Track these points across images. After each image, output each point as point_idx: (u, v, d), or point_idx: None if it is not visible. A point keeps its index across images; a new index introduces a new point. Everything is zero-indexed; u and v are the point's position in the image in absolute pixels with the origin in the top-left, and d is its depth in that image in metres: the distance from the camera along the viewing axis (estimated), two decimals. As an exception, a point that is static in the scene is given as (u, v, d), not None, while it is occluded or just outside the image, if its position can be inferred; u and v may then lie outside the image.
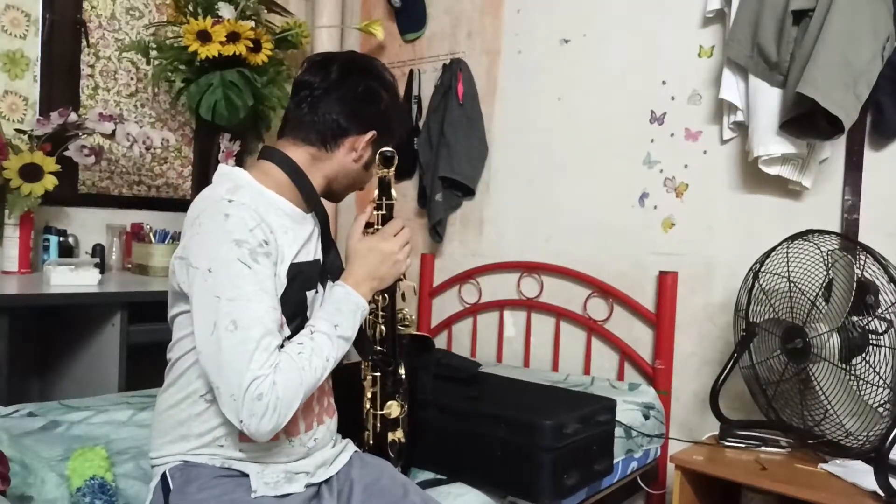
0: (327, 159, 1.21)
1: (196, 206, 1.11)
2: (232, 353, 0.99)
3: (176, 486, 1.08)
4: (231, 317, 1.00)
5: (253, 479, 1.09)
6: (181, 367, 1.12)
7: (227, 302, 1.00)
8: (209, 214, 1.05)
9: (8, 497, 1.08)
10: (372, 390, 1.30)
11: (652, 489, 2.14)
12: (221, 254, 1.02)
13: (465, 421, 1.42)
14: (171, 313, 1.16)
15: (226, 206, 1.05)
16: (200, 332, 1.02)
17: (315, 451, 1.19)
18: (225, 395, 0.99)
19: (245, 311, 1.00)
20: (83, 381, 2.20)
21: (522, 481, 1.36)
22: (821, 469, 1.61)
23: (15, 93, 2.44)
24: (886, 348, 1.56)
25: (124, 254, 2.66)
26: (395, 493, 1.20)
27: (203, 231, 1.05)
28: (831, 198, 1.97)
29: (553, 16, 2.55)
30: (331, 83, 1.19)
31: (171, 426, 1.13)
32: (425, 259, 2.86)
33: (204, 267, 1.02)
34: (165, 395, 1.15)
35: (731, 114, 2.09)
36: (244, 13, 2.57)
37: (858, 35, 1.72)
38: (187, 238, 1.08)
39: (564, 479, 1.36)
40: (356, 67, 1.23)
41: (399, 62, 2.96)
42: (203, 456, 1.11)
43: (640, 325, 2.32)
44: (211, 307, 1.01)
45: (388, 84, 1.26)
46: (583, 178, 2.46)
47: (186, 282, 1.06)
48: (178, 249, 1.10)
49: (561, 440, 1.35)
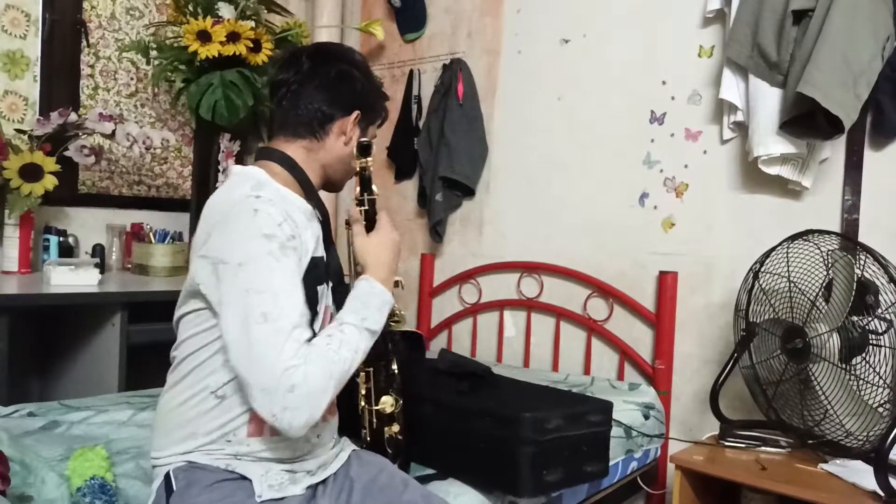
0: (320, 149, 1.24)
1: (219, 205, 1.12)
2: (263, 345, 0.99)
3: (179, 488, 1.08)
4: (261, 309, 1.00)
5: (256, 484, 1.08)
6: (189, 364, 1.12)
7: (256, 295, 1.01)
8: (237, 212, 1.07)
9: (8, 497, 1.08)
10: (366, 386, 1.30)
11: (652, 489, 2.14)
12: (252, 249, 1.04)
13: (453, 415, 1.42)
14: (179, 312, 1.16)
15: (254, 203, 1.07)
16: (231, 326, 1.02)
17: (318, 447, 1.19)
18: (256, 389, 0.99)
19: (275, 304, 1.01)
20: (83, 381, 2.20)
21: (504, 474, 1.36)
22: (821, 469, 1.61)
23: (15, 93, 2.44)
24: (886, 348, 1.56)
25: (124, 254, 2.66)
26: (394, 489, 1.20)
27: (232, 228, 1.06)
28: (831, 198, 1.97)
29: (553, 16, 2.55)
30: (304, 75, 1.23)
31: (177, 425, 1.13)
32: (425, 259, 2.86)
33: (234, 262, 1.03)
34: (171, 393, 1.15)
35: (731, 114, 2.09)
36: (244, 13, 2.57)
37: (858, 35, 1.72)
38: (213, 237, 1.08)
39: (544, 474, 1.34)
40: (324, 55, 1.27)
41: (399, 62, 2.96)
42: (209, 454, 1.10)
43: (640, 325, 2.32)
44: (241, 301, 1.02)
45: (359, 63, 1.29)
46: (583, 178, 2.46)
47: (208, 281, 1.07)
48: (201, 249, 1.10)
49: (542, 434, 1.34)
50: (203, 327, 1.11)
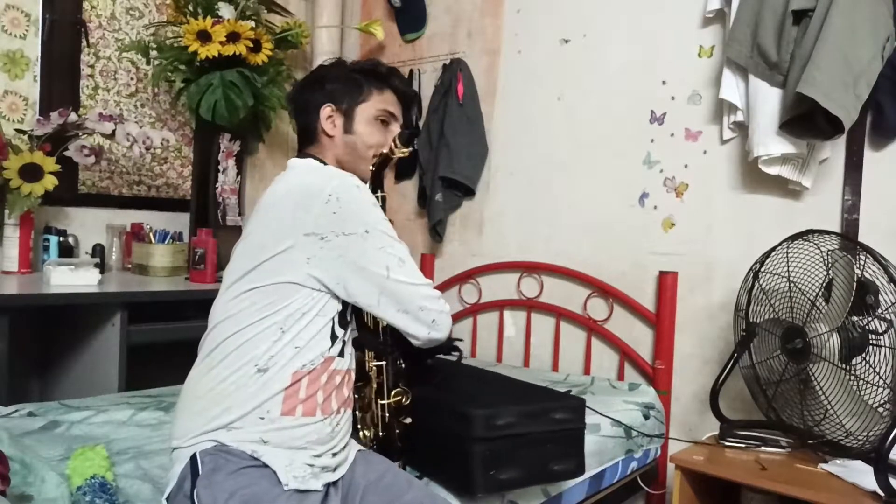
0: (327, 143, 1.36)
1: (298, 189, 1.21)
2: (410, 278, 1.20)
3: (205, 471, 1.10)
4: (397, 256, 1.20)
5: (282, 473, 1.11)
6: (241, 338, 1.16)
7: (390, 247, 1.19)
8: (343, 190, 1.18)
9: (8, 497, 1.08)
10: (377, 380, 1.32)
11: (652, 489, 2.14)
12: (372, 217, 1.19)
13: (422, 409, 1.39)
14: (229, 294, 1.20)
15: (353, 180, 1.21)
16: (374, 280, 1.18)
17: (336, 437, 1.21)
18: (413, 314, 1.20)
19: (403, 251, 1.22)
20: (83, 381, 2.20)
21: (457, 472, 1.35)
22: (821, 469, 1.61)
23: (15, 93, 2.44)
24: (886, 348, 1.56)
25: (124, 254, 2.66)
26: (399, 488, 1.22)
27: (344, 204, 1.17)
28: (831, 198, 1.97)
29: (553, 16, 2.55)
30: (295, 94, 1.43)
31: (212, 401, 1.15)
32: (425, 259, 2.86)
33: (361, 230, 1.17)
34: (213, 371, 1.17)
35: (731, 114, 2.09)
36: (244, 13, 2.57)
37: (858, 35, 1.72)
38: (324, 216, 1.16)
39: (493, 473, 1.32)
40: (308, 78, 1.44)
41: (399, 62, 2.96)
42: (239, 432, 1.13)
43: (640, 325, 2.32)
44: (379, 258, 1.18)
45: (332, 64, 1.44)
46: (583, 178, 2.46)
47: (313, 253, 1.16)
48: (300, 228, 1.16)
49: (492, 431, 1.31)
50: (260, 304, 1.16)
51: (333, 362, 1.20)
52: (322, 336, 1.18)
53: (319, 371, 1.18)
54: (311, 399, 1.16)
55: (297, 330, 1.16)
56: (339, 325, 1.21)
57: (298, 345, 1.16)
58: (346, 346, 1.23)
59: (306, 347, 1.16)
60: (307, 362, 1.16)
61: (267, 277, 1.16)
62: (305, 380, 1.16)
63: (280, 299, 1.16)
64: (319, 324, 1.18)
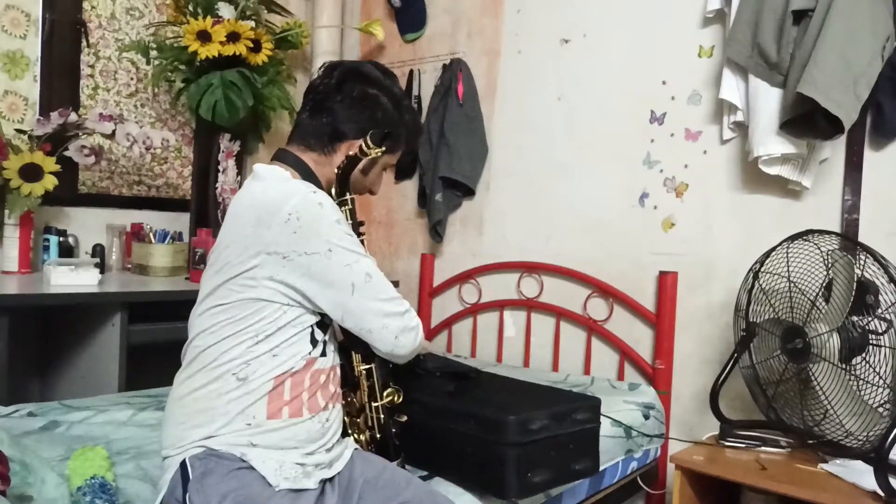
0: (327, 164, 1.29)
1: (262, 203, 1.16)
2: (377, 292, 1.19)
3: (195, 475, 1.10)
4: (364, 272, 1.17)
5: (271, 477, 1.11)
6: (217, 350, 1.15)
7: (356, 264, 1.17)
8: (302, 208, 1.14)
9: (8, 497, 1.08)
10: (367, 383, 1.31)
11: (652, 489, 2.14)
12: (335, 234, 1.15)
13: (440, 418, 1.42)
14: (206, 305, 1.18)
15: (314, 197, 1.16)
16: (339, 298, 1.16)
17: (327, 434, 1.21)
18: (376, 332, 1.19)
19: (370, 265, 1.19)
20: (83, 381, 2.20)
21: (490, 477, 1.35)
22: (821, 469, 1.61)
23: (15, 93, 2.44)
24: (886, 348, 1.56)
25: (124, 254, 2.66)
26: (397, 485, 1.22)
27: (304, 223, 1.13)
28: (831, 198, 1.97)
29: (553, 16, 2.55)
30: (330, 88, 1.28)
31: (196, 410, 1.15)
32: (425, 259, 2.86)
33: (323, 249, 1.14)
34: (192, 380, 1.17)
35: (731, 114, 2.09)
36: (244, 13, 2.57)
37: (858, 35, 1.72)
38: (284, 235, 1.13)
39: (529, 476, 1.33)
40: (357, 73, 1.30)
41: (399, 62, 2.96)
42: (227, 438, 1.12)
43: (640, 325, 2.32)
44: (344, 275, 1.16)
45: (392, 93, 1.32)
46: (583, 177, 2.46)
47: (276, 272, 1.13)
48: (261, 246, 1.13)
49: (526, 436, 1.33)
50: (234, 319, 1.15)
51: (316, 363, 1.19)
52: (301, 342, 1.17)
53: (302, 373, 1.17)
54: (296, 400, 1.16)
55: (275, 341, 1.15)
56: (319, 328, 1.20)
57: (276, 353, 1.15)
58: (328, 345, 1.23)
59: (285, 354, 1.16)
60: (288, 367, 1.15)
61: (236, 294, 1.15)
62: (288, 382, 1.16)
63: (252, 314, 1.14)
64: (297, 331, 1.17)
